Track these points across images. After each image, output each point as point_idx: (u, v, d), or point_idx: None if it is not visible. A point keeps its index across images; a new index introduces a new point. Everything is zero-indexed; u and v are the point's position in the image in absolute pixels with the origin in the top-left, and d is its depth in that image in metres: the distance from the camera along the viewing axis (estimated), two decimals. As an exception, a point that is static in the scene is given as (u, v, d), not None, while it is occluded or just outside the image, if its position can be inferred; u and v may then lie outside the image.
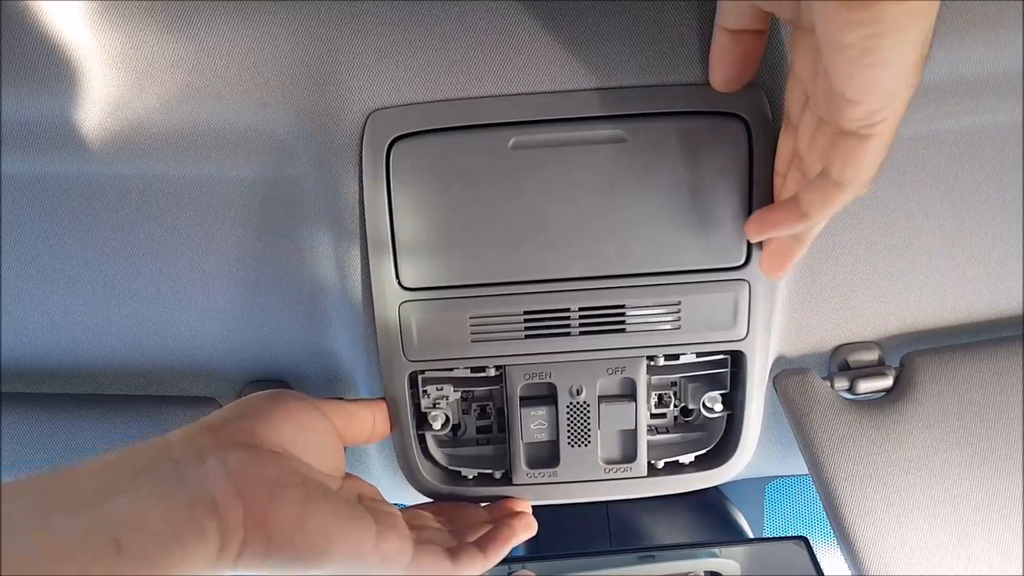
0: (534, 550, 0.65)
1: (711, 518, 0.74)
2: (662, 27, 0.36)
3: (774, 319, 0.43)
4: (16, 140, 0.39)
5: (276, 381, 0.50)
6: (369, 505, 0.35)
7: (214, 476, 0.29)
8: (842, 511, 0.44)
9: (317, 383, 0.51)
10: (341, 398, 0.40)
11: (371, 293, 0.40)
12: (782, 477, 1.13)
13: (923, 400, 0.45)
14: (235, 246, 0.44)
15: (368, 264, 0.40)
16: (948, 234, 0.44)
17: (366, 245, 0.39)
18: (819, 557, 0.49)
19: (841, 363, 0.48)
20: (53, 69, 0.35)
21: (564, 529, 0.67)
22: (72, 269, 0.45)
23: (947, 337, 0.48)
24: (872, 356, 0.48)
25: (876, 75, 0.23)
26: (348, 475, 0.38)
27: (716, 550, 0.51)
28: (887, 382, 0.47)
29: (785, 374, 0.47)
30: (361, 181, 0.38)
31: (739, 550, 0.52)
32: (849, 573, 0.44)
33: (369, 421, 0.40)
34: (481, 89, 0.36)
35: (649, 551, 0.51)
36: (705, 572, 0.49)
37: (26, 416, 0.49)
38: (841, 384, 0.47)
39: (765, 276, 0.38)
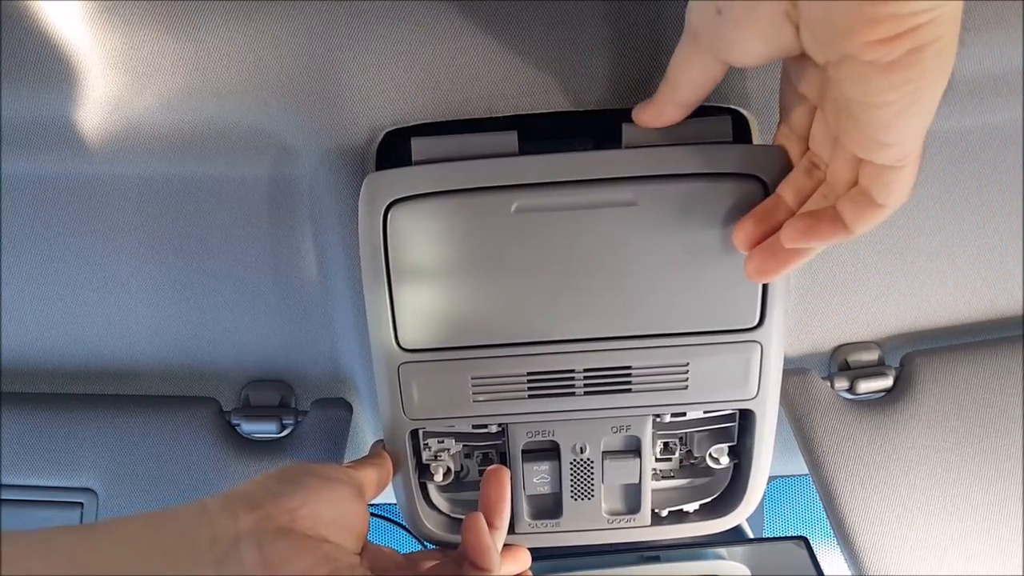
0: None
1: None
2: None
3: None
4: (16, 140, 0.39)
5: (276, 381, 0.51)
6: None
7: (249, 565, 0.30)
8: (842, 511, 0.44)
9: (317, 383, 0.51)
10: (365, 459, 0.39)
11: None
12: (782, 477, 1.13)
13: (923, 400, 0.45)
14: (235, 246, 0.44)
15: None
16: (948, 234, 0.44)
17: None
18: (819, 557, 0.49)
19: (841, 363, 0.48)
20: (53, 69, 0.35)
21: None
22: (72, 269, 0.45)
23: (947, 337, 0.48)
24: (872, 356, 0.48)
25: (916, 122, 0.25)
26: (366, 544, 0.38)
27: (722, 551, 0.50)
28: (887, 382, 0.47)
29: (785, 374, 0.46)
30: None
31: (739, 550, 0.52)
32: (849, 573, 0.44)
33: (387, 482, 0.40)
34: (481, 86, 0.36)
35: (650, 550, 0.51)
36: None
37: (26, 416, 0.49)
38: (841, 384, 0.47)
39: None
